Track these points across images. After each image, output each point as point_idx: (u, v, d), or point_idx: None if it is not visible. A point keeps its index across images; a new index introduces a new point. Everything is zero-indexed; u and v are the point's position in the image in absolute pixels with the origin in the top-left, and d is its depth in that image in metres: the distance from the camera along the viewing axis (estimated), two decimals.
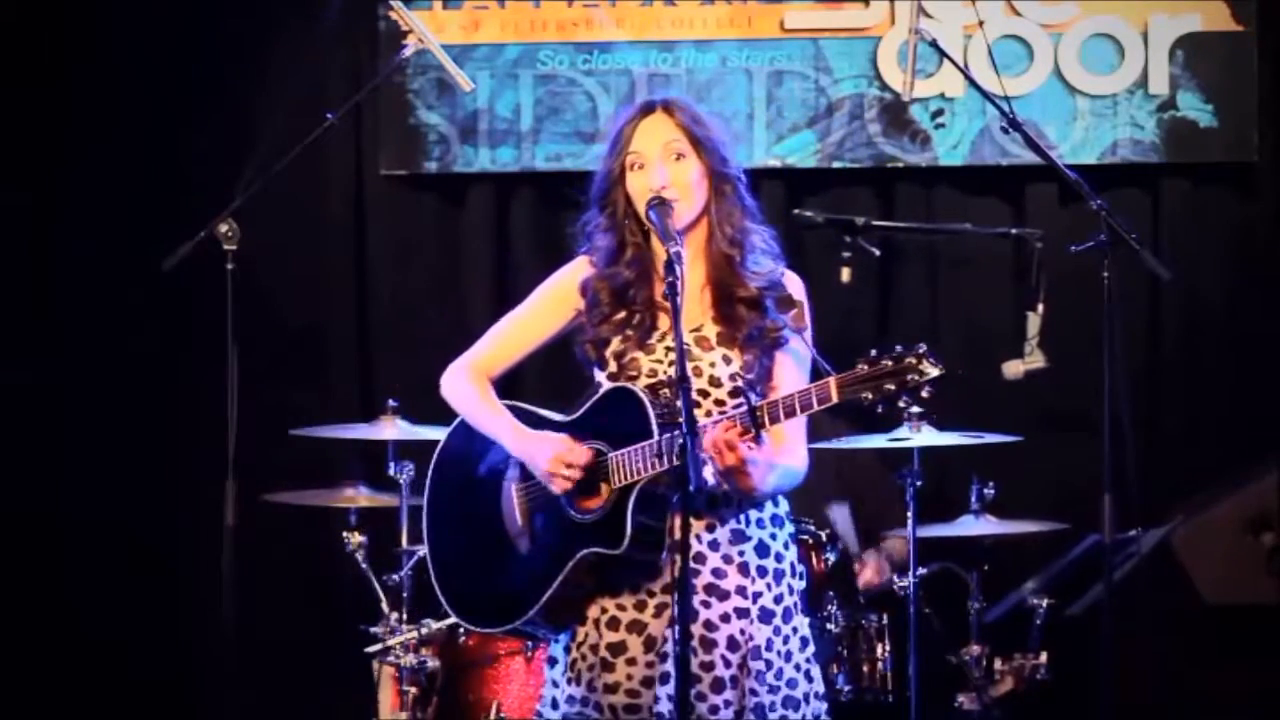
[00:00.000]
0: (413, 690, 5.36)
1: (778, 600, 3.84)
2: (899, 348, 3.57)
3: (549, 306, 3.99)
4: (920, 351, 3.56)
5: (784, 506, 3.92)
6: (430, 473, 4.07)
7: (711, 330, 3.85)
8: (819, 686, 3.91)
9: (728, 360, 3.82)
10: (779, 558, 3.88)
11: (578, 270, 3.96)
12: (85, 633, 6.39)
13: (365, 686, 5.57)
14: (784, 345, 3.84)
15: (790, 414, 3.66)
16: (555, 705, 3.90)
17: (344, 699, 6.03)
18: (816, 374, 3.71)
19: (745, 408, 3.66)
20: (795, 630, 3.88)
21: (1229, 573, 5.51)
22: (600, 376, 3.90)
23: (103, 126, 6.41)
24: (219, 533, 4.87)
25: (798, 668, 3.86)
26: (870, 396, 3.57)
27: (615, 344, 3.87)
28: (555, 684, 3.92)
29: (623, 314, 3.88)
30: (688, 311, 3.78)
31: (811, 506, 5.39)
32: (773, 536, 3.87)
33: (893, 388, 3.55)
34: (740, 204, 3.90)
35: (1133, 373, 5.41)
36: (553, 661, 3.96)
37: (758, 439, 3.68)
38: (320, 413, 6.08)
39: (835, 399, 3.60)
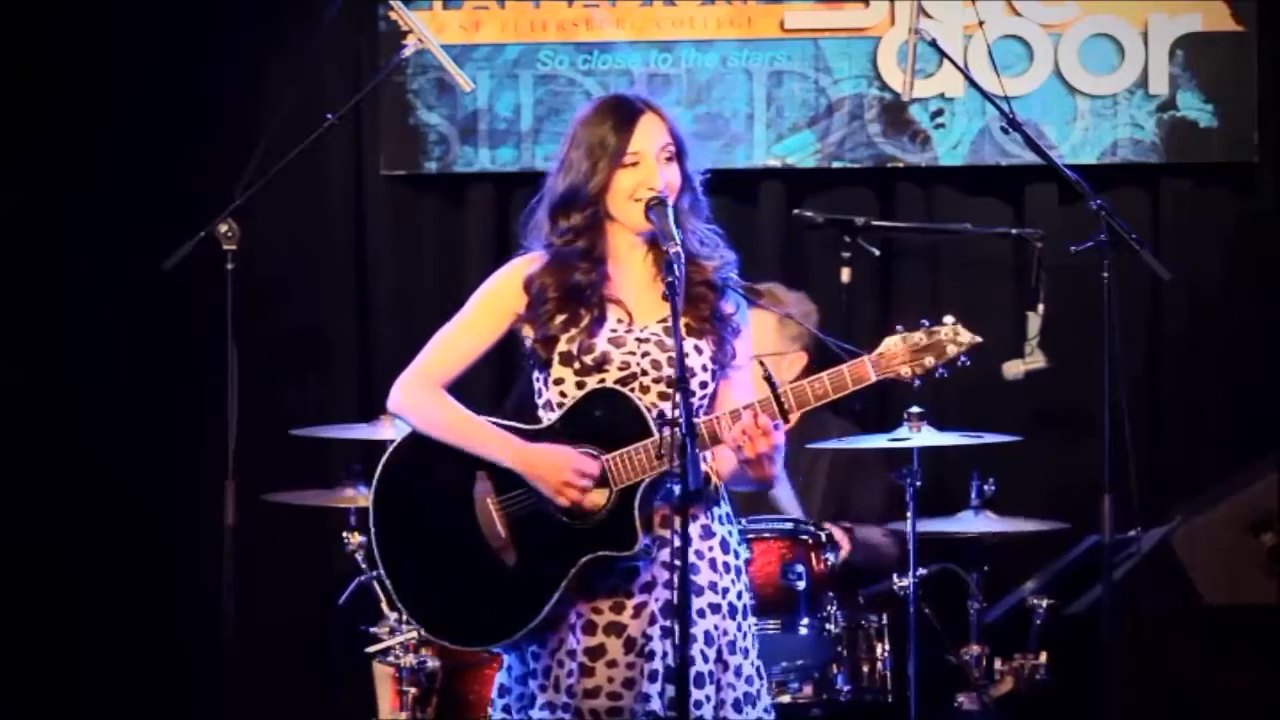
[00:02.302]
0: (413, 690, 5.36)
1: (739, 597, 3.86)
2: (925, 322, 3.59)
3: (492, 309, 3.89)
4: (952, 323, 3.59)
5: (729, 507, 3.91)
6: (374, 494, 3.88)
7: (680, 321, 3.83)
8: (766, 685, 3.90)
9: (699, 350, 3.82)
10: (736, 554, 3.89)
11: (518, 270, 3.89)
12: (85, 633, 6.39)
13: (365, 686, 5.57)
14: (740, 333, 3.85)
15: (821, 398, 3.65)
16: (508, 711, 3.84)
17: (344, 699, 6.04)
18: (837, 359, 3.68)
19: (770, 395, 3.64)
20: (751, 628, 3.89)
21: (1229, 573, 5.50)
22: (564, 373, 3.79)
23: (103, 126, 6.41)
24: (219, 533, 4.87)
25: (754, 664, 3.87)
26: (908, 372, 3.58)
27: (568, 339, 3.80)
28: (507, 690, 3.86)
29: (570, 309, 3.82)
30: (651, 304, 3.81)
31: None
32: (730, 534, 3.88)
33: (932, 360, 3.58)
34: (699, 201, 3.91)
35: (1133, 373, 5.42)
36: (509, 670, 3.88)
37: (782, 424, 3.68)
38: (320, 413, 6.08)
39: (872, 378, 3.61)
